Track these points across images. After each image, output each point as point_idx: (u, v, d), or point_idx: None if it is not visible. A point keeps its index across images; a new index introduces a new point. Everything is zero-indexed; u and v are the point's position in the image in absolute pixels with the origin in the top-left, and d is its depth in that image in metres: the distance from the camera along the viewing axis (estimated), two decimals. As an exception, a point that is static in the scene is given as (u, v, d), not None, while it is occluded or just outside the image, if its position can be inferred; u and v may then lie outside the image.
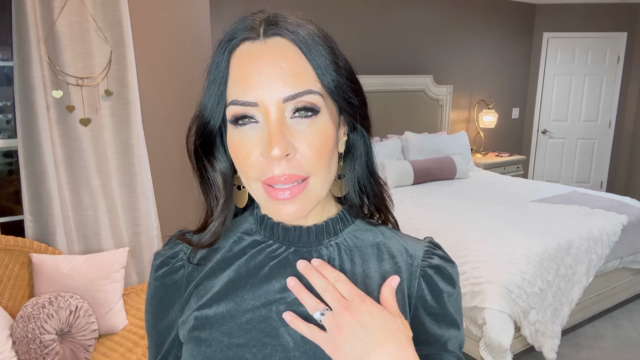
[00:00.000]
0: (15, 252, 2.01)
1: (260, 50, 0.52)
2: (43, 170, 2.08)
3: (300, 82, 0.51)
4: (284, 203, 0.53)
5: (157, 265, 0.63)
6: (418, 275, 0.60)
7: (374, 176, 0.63)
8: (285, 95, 0.51)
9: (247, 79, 0.52)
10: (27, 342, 1.71)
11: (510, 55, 5.30)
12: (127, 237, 2.36)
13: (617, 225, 2.90)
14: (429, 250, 0.62)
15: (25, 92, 2.01)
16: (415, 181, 3.87)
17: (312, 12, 3.87)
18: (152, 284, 0.63)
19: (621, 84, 5.38)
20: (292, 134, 0.52)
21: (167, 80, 2.42)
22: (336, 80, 0.54)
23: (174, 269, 0.62)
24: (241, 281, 0.59)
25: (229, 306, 0.58)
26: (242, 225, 0.64)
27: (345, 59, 0.57)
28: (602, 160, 5.59)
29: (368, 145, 0.61)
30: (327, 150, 0.54)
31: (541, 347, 2.41)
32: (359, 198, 0.63)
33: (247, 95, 0.52)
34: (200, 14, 2.48)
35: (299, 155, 0.52)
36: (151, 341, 0.65)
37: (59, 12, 2.03)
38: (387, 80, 4.25)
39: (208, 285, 0.60)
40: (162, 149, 2.46)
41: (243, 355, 0.55)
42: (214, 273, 0.60)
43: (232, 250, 0.62)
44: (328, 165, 0.55)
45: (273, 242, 0.61)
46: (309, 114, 0.52)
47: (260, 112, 0.52)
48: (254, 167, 0.53)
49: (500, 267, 2.37)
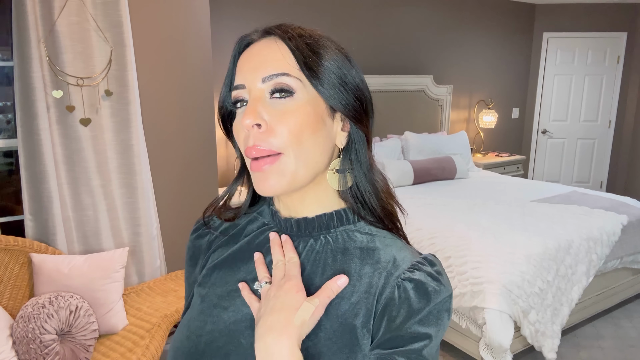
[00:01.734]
0: (15, 252, 2.01)
1: (253, 48, 0.62)
2: (43, 170, 2.08)
3: (278, 66, 0.59)
4: (261, 177, 0.60)
5: (193, 229, 0.76)
6: (394, 285, 0.59)
7: (370, 179, 0.64)
8: (264, 76, 0.59)
9: (241, 67, 0.62)
10: (27, 342, 1.71)
11: (510, 55, 5.30)
12: (127, 237, 2.36)
13: (617, 225, 2.90)
14: (417, 265, 0.61)
15: (26, 92, 2.01)
16: (415, 181, 3.87)
17: (312, 12, 3.88)
18: (188, 244, 0.76)
19: (621, 84, 5.38)
20: (269, 112, 0.59)
21: (167, 80, 2.42)
22: (322, 72, 0.60)
23: (202, 234, 0.74)
24: (242, 254, 0.69)
25: (226, 273, 0.68)
26: (261, 206, 0.73)
27: (350, 62, 0.63)
28: (602, 161, 5.59)
29: (358, 144, 0.63)
30: (299, 129, 0.59)
31: (541, 347, 2.41)
32: (352, 196, 0.64)
33: (239, 79, 0.62)
34: (200, 14, 2.48)
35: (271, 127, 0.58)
36: (185, 291, 0.76)
37: (59, 12, 2.03)
38: (387, 80, 4.25)
39: (220, 252, 0.71)
40: (162, 149, 2.46)
41: (222, 316, 0.64)
42: (228, 243, 0.71)
43: (246, 227, 0.71)
44: (301, 143, 0.59)
45: (274, 227, 0.69)
46: (285, 95, 0.59)
47: (247, 93, 0.61)
48: (240, 140, 0.62)
49: (500, 267, 2.37)
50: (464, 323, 2.44)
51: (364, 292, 0.59)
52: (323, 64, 0.60)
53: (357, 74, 0.63)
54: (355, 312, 0.59)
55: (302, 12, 3.82)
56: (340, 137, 0.63)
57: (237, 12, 3.48)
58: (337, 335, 0.58)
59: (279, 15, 3.68)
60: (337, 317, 0.59)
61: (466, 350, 2.54)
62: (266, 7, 3.62)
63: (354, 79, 0.62)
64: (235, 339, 0.61)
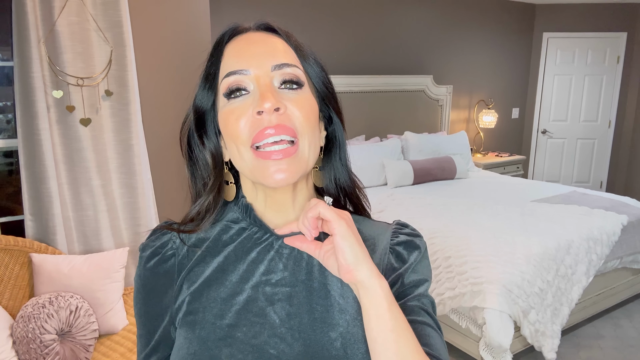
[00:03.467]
0: (15, 252, 2.01)
1: (252, 35, 0.61)
2: (43, 170, 2.08)
3: (287, 57, 0.60)
4: (275, 165, 0.57)
5: (147, 256, 0.66)
6: (388, 252, 0.66)
7: (349, 174, 0.69)
8: (274, 64, 0.58)
9: (240, 52, 0.60)
10: (27, 342, 1.71)
11: (510, 55, 5.30)
12: (127, 237, 2.36)
13: (617, 225, 2.90)
14: (396, 231, 0.69)
15: (26, 92, 2.01)
16: (415, 181, 3.87)
17: (311, 12, 3.88)
18: (143, 274, 0.66)
19: (621, 84, 5.38)
20: (283, 99, 0.58)
21: (167, 80, 2.43)
22: (316, 69, 0.63)
23: (165, 258, 0.65)
24: (230, 266, 0.63)
25: (219, 290, 0.62)
26: (227, 215, 0.68)
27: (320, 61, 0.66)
28: (602, 161, 5.59)
29: (342, 140, 0.67)
30: (313, 117, 0.60)
31: (541, 347, 2.41)
32: (336, 191, 0.68)
33: (241, 65, 0.59)
34: (200, 14, 2.48)
35: (289, 112, 0.58)
36: (143, 329, 0.67)
37: (59, 12, 2.03)
38: (387, 80, 4.25)
39: (199, 272, 0.64)
40: (162, 149, 2.46)
41: (234, 334, 0.59)
42: (204, 260, 0.64)
43: (220, 238, 0.66)
44: (313, 132, 0.60)
45: (257, 229, 0.65)
46: (295, 87, 0.59)
47: (251, 81, 0.59)
48: (245, 128, 0.58)
49: (500, 267, 2.37)
50: (464, 323, 2.44)
51: None
52: (312, 59, 0.63)
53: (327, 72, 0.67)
54: None
55: (302, 13, 3.82)
56: (322, 137, 0.66)
57: (237, 12, 3.48)
58: (359, 312, 0.61)
59: (279, 15, 3.68)
60: (352, 298, 0.62)
61: (466, 350, 2.54)
62: (266, 8, 3.62)
63: (327, 75, 0.66)
64: (264, 352, 0.58)
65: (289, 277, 0.62)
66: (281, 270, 0.63)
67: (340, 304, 0.61)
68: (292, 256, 0.63)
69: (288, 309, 0.61)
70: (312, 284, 0.62)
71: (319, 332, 0.59)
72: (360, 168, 3.38)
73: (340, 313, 0.61)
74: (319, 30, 3.92)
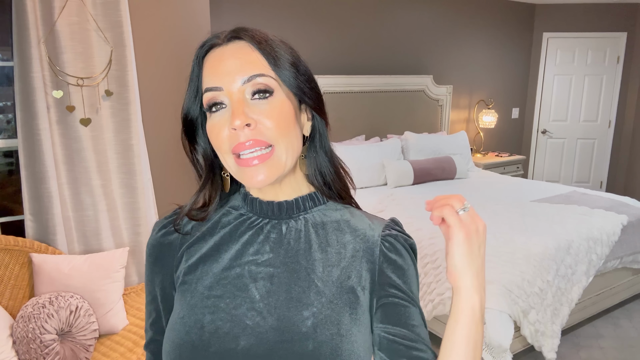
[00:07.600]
0: (15, 252, 2.01)
1: (223, 50, 0.66)
2: (43, 170, 2.08)
3: (253, 68, 0.64)
4: (254, 170, 0.64)
5: (157, 229, 0.76)
6: (380, 242, 0.70)
7: (332, 162, 0.73)
8: (243, 79, 0.63)
9: (213, 70, 0.66)
10: (28, 342, 1.71)
11: (510, 55, 5.30)
12: (127, 237, 2.36)
13: (617, 225, 2.90)
14: (389, 225, 0.73)
15: (26, 92, 2.01)
16: (415, 181, 3.87)
17: (311, 12, 3.88)
18: (151, 243, 0.75)
19: (621, 84, 5.38)
20: (253, 111, 0.63)
21: (167, 81, 2.43)
22: (290, 72, 0.66)
23: (171, 231, 0.75)
24: (224, 245, 0.71)
25: (211, 265, 0.70)
26: (232, 202, 0.76)
27: (302, 60, 0.70)
28: (602, 161, 5.59)
29: (322, 131, 0.72)
30: (285, 123, 0.65)
31: (541, 346, 2.41)
32: (318, 180, 0.72)
33: (215, 82, 0.65)
34: (200, 14, 2.48)
35: (260, 126, 0.63)
36: (149, 295, 0.76)
37: (59, 12, 2.03)
38: (387, 80, 4.25)
39: (197, 248, 0.72)
40: (162, 149, 2.46)
41: (218, 305, 0.67)
42: (204, 238, 0.73)
43: (221, 220, 0.74)
44: (288, 136, 0.65)
45: (253, 215, 0.73)
46: (266, 95, 0.64)
47: (225, 96, 0.64)
48: (225, 140, 0.64)
49: (500, 267, 2.37)
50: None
51: (350, 257, 0.70)
52: (286, 62, 0.66)
53: (307, 68, 0.70)
54: (347, 275, 0.68)
55: (302, 13, 3.82)
56: (306, 127, 0.71)
57: (237, 12, 3.48)
58: (337, 297, 0.67)
59: (279, 15, 3.68)
60: (332, 283, 0.68)
61: (466, 350, 2.54)
62: (266, 8, 3.62)
63: (307, 72, 0.69)
64: (241, 322, 0.65)
65: (273, 259, 0.69)
66: (267, 252, 0.69)
67: (319, 287, 0.67)
68: (278, 240, 0.70)
69: (269, 287, 0.67)
70: (294, 267, 0.68)
71: (293, 309, 0.65)
72: (360, 168, 3.38)
73: (316, 295, 0.66)
74: (318, 31, 3.92)
